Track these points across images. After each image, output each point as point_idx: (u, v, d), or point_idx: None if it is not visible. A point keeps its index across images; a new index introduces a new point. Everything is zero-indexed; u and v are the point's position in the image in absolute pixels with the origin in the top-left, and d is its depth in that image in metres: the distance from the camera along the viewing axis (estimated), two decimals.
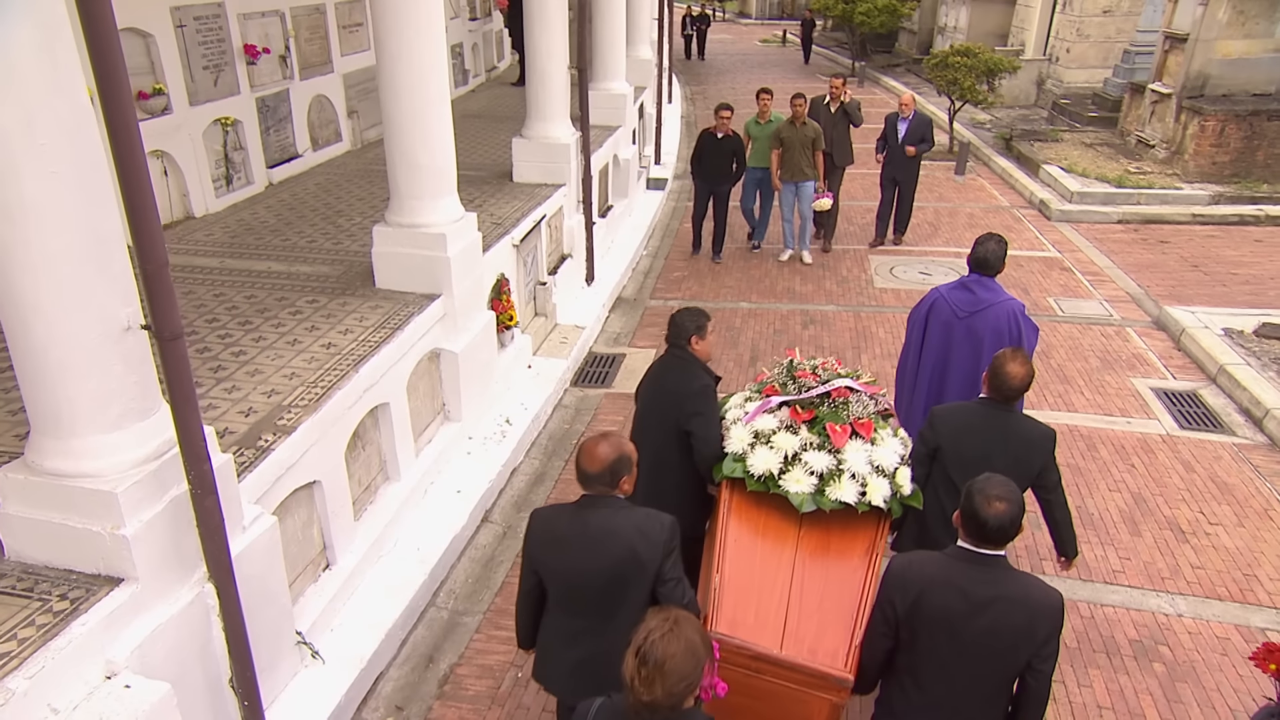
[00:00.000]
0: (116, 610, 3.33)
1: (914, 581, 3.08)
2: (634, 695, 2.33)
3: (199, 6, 7.87)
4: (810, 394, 4.22)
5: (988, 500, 2.93)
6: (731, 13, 40.68)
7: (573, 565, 3.25)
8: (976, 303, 5.13)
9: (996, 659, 3.01)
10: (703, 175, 10.33)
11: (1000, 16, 21.64)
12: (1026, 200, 13.26)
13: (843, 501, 3.88)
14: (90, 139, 3.04)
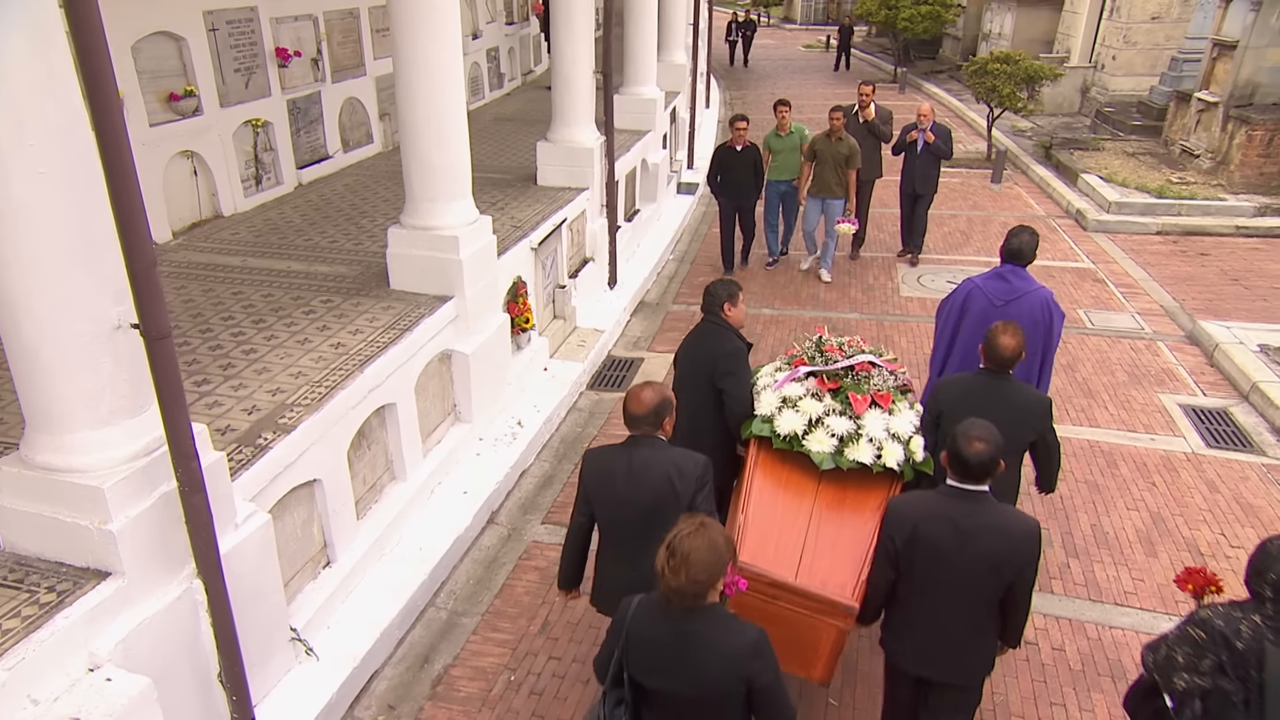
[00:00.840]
0: (101, 604, 3.40)
1: (909, 517, 3.49)
2: (664, 582, 2.77)
3: (232, 10, 8.02)
4: (835, 366, 4.65)
5: (969, 441, 3.35)
6: (776, 18, 40.50)
7: (618, 496, 3.70)
8: (1012, 291, 5.38)
9: (983, 580, 3.40)
10: (725, 191, 9.93)
11: (1046, 23, 21.27)
12: (1063, 210, 13.01)
13: (859, 462, 4.29)
14: (82, 141, 3.09)
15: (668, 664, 2.89)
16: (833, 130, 9.48)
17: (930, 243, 11.32)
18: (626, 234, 10.46)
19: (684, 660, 2.87)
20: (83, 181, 3.14)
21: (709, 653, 2.84)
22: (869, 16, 24.01)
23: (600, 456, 3.84)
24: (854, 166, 9.53)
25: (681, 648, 2.86)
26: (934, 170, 10.26)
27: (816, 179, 9.72)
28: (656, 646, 2.91)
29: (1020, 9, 21.56)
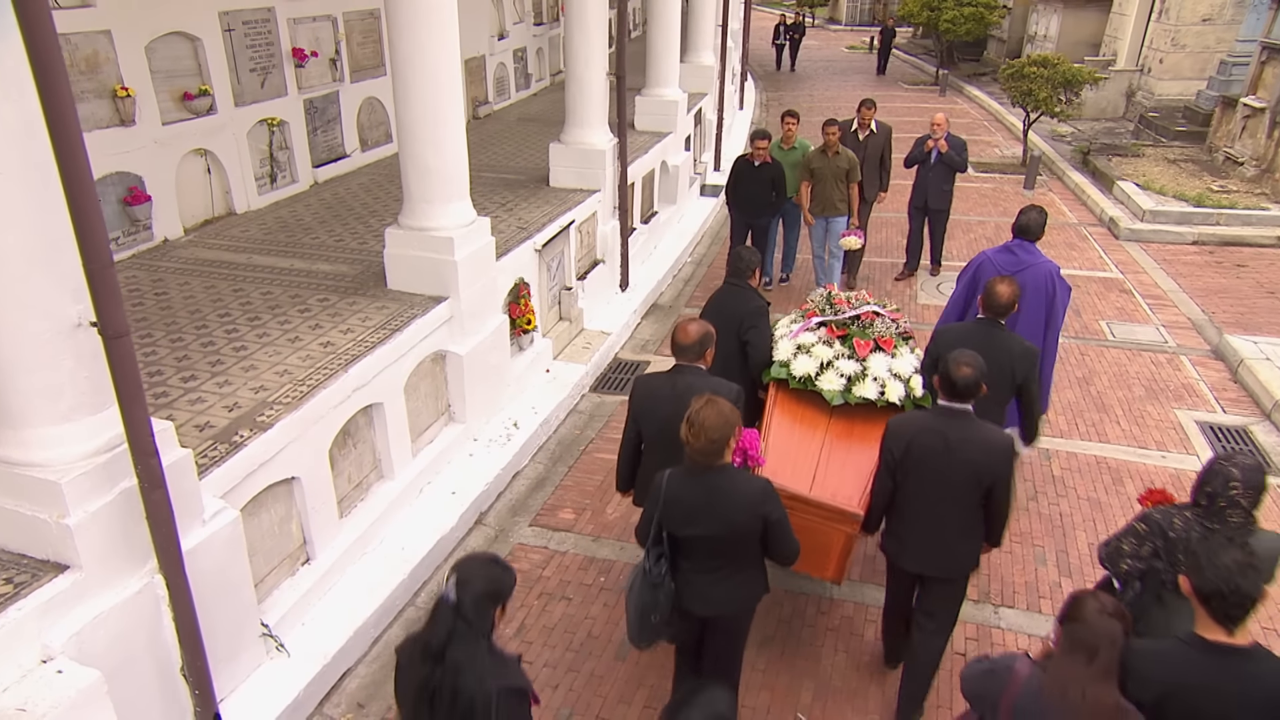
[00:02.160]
0: (56, 597, 3.46)
1: (906, 431, 4.12)
2: (688, 448, 3.52)
3: (248, 11, 8.14)
4: (843, 316, 5.35)
5: (958, 366, 3.95)
6: (821, 19, 40.13)
7: (663, 414, 4.23)
8: (1019, 264, 5.90)
9: (966, 484, 4.01)
10: (739, 205, 9.45)
11: (1093, 25, 20.80)
12: (1096, 217, 12.70)
13: (865, 398, 5.00)
14: (39, 143, 3.13)
15: (699, 514, 3.62)
16: (828, 145, 8.92)
17: (955, 249, 11.14)
18: (642, 236, 10.44)
19: (712, 508, 3.59)
20: (40, 182, 3.20)
21: (731, 499, 3.59)
22: (911, 18, 23.64)
23: (649, 381, 4.54)
24: (855, 180, 9.06)
25: (709, 499, 3.59)
26: (948, 184, 9.79)
27: (817, 198, 9.12)
28: (688, 503, 3.62)
29: (1067, 10, 21.11)
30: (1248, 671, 2.77)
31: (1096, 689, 2.69)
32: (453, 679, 2.76)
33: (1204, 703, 2.80)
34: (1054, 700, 2.74)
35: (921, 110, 20.56)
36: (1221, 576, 2.75)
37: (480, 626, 2.83)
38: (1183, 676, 2.83)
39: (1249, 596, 2.74)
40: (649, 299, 9.78)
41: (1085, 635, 2.74)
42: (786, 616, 5.22)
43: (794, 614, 5.25)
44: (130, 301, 6.26)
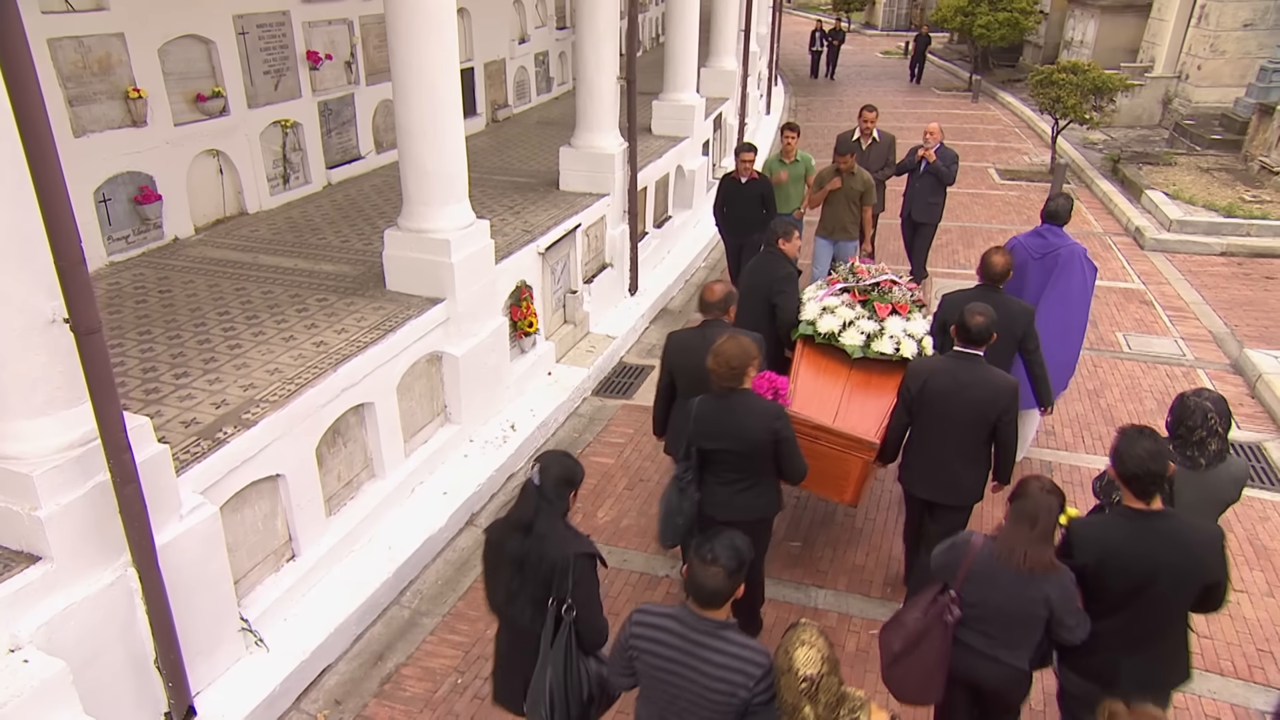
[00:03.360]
0: (26, 587, 3.54)
1: (922, 372, 4.73)
2: (712, 374, 4.23)
3: (262, 14, 8.27)
4: (864, 283, 5.97)
5: (972, 314, 4.55)
6: (857, 23, 39.86)
7: (693, 363, 4.68)
8: (1048, 246, 6.36)
9: (974, 420, 4.57)
10: (728, 225, 8.94)
11: (1131, 31, 20.43)
12: (1122, 227, 12.47)
13: (881, 352, 5.60)
14: (10, 144, 3.20)
15: (722, 430, 4.29)
16: (843, 170, 8.34)
17: (971, 258, 10.97)
18: (655, 241, 10.44)
19: (732, 424, 4.27)
20: (13, 182, 3.26)
21: (748, 417, 4.27)
22: (944, 23, 23.37)
23: (680, 336, 5.23)
24: (869, 203, 8.47)
25: (730, 416, 4.26)
26: (936, 197, 9.26)
27: (827, 218, 8.58)
28: (713, 419, 4.31)
29: (1104, 16, 20.77)
30: (1164, 528, 3.41)
31: (1036, 549, 3.38)
32: (539, 546, 3.35)
33: (1132, 557, 3.41)
34: (1003, 559, 3.44)
35: (951, 116, 20.35)
36: (1137, 462, 3.35)
37: (558, 505, 3.44)
38: (1115, 540, 3.46)
39: (1159, 475, 3.35)
40: (659, 303, 9.77)
41: (1028, 507, 3.42)
42: (769, 625, 5.17)
43: (776, 622, 5.20)
44: (134, 299, 6.39)
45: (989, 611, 3.52)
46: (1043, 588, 3.40)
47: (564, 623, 3.33)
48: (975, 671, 3.62)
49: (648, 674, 3.09)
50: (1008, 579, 3.43)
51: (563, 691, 3.36)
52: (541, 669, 3.38)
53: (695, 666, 2.95)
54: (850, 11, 37.35)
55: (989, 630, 3.55)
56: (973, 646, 3.59)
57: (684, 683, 2.98)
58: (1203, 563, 3.39)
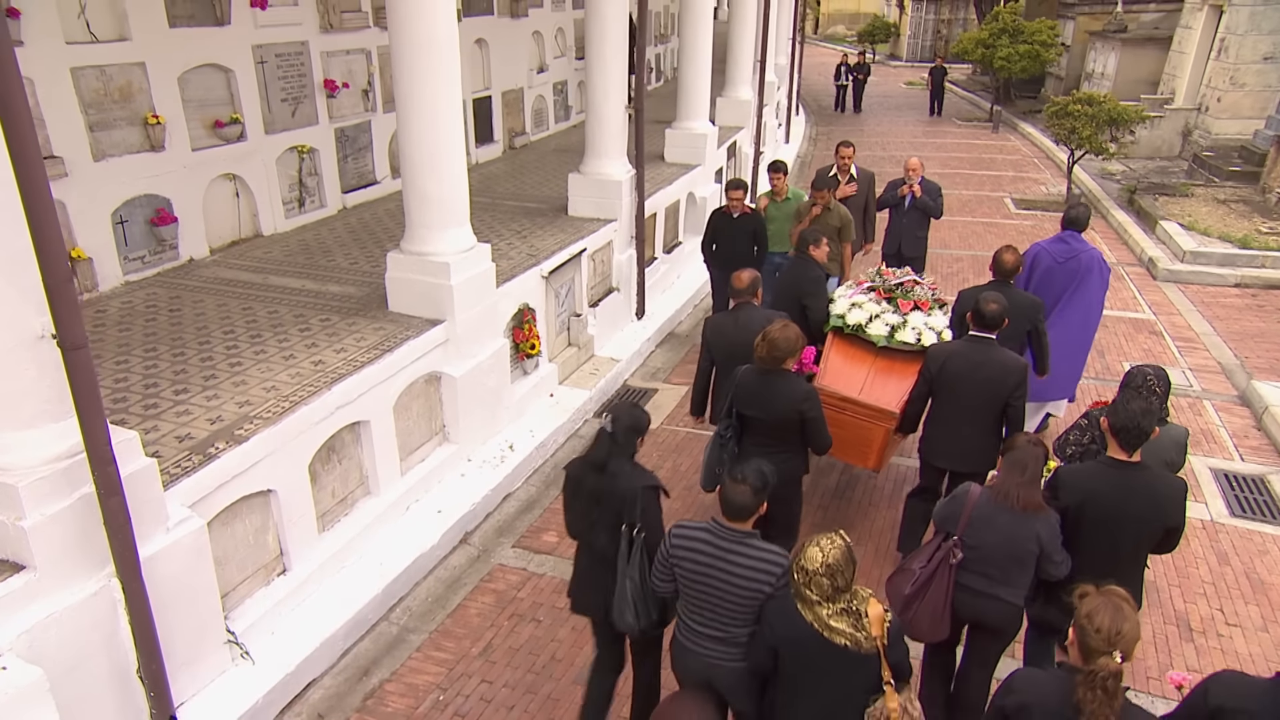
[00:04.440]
0: (8, 596, 3.64)
1: (941, 354, 5.33)
2: (757, 352, 4.86)
3: (281, 45, 8.50)
4: (889, 283, 6.62)
5: (986, 302, 5.15)
6: (882, 55, 40.03)
7: (729, 341, 5.64)
8: (1069, 251, 7.01)
9: (987, 397, 5.12)
10: (717, 261, 8.71)
11: (1152, 63, 20.38)
12: (1136, 257, 12.41)
13: (904, 342, 6.22)
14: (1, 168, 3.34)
15: (758, 400, 4.95)
16: (819, 203, 8.12)
17: None
18: (664, 266, 10.53)
19: (767, 398, 4.92)
20: (3, 203, 3.40)
21: (781, 393, 4.90)
22: (965, 55, 23.43)
23: (717, 319, 5.97)
24: (847, 239, 8.24)
25: (766, 391, 4.92)
26: (923, 230, 9.17)
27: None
28: (753, 391, 4.97)
29: (1125, 49, 20.75)
30: (1139, 478, 3.99)
31: (1027, 491, 3.98)
32: (612, 483, 3.98)
33: (1110, 501, 3.98)
34: (999, 500, 4.00)
35: (971, 146, 20.38)
36: (1130, 417, 3.94)
37: (627, 448, 4.05)
38: (1096, 484, 4.04)
39: (1145, 432, 3.93)
40: (665, 328, 9.85)
41: (1019, 456, 4.03)
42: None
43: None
44: (144, 317, 6.56)
45: (988, 552, 4.02)
46: (1033, 526, 3.96)
47: (636, 543, 3.94)
48: (978, 610, 4.11)
49: (686, 579, 3.63)
50: (1004, 520, 3.98)
51: (642, 599, 3.95)
52: (621, 583, 3.96)
53: (726, 570, 3.52)
54: (875, 43, 37.56)
55: (989, 571, 4.04)
56: (974, 588, 4.07)
57: (716, 584, 3.54)
58: (1166, 510, 4.00)
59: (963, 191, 16.08)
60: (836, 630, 3.20)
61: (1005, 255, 6.15)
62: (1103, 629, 2.77)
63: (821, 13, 52.33)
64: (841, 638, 3.19)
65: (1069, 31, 24.10)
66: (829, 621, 3.21)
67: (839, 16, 51.95)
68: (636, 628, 4.00)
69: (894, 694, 3.25)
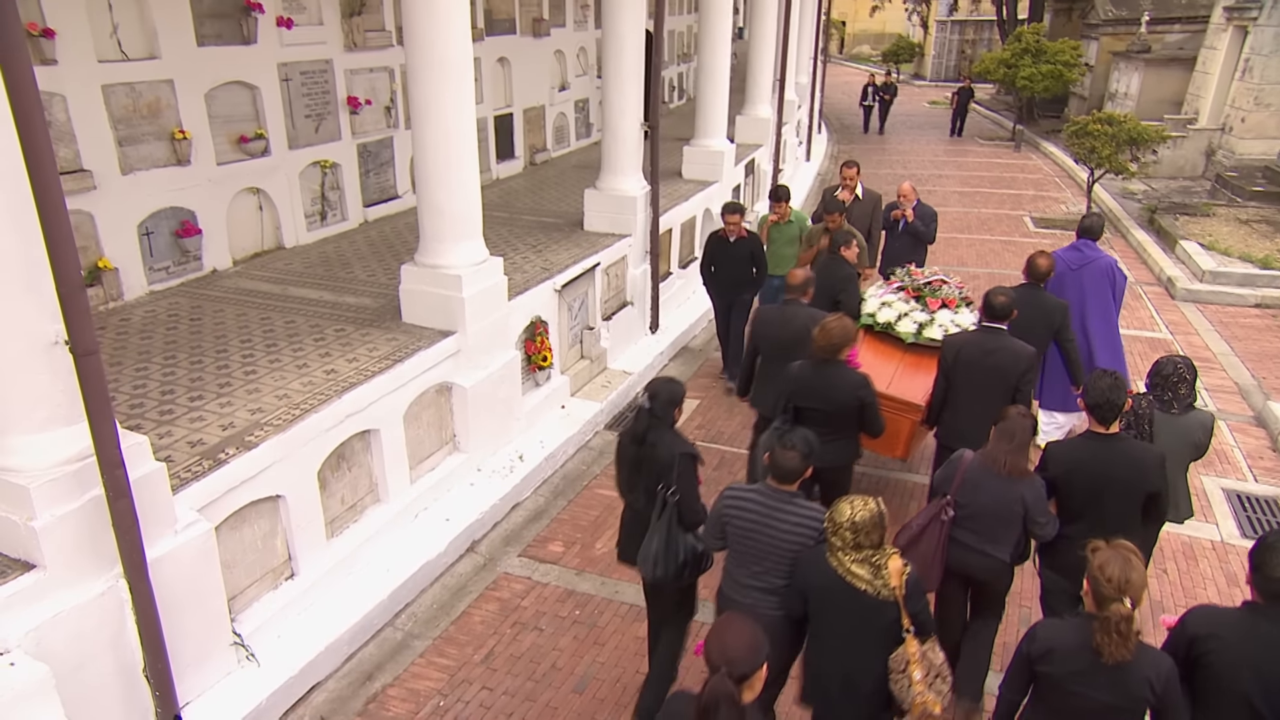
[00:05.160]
0: (18, 594, 3.76)
1: (955, 344, 5.71)
2: (814, 344, 5.25)
3: (305, 63, 8.70)
4: (918, 282, 7.04)
5: (995, 295, 5.56)
6: (906, 74, 40.02)
7: (774, 335, 6.15)
8: (1084, 259, 7.29)
9: (998, 382, 5.43)
10: (715, 285, 8.68)
11: (1176, 83, 20.27)
12: (1155, 277, 12.33)
13: (931, 338, 6.61)
14: (19, 178, 3.47)
15: (815, 391, 5.28)
16: (831, 229, 7.96)
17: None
18: (679, 281, 10.61)
19: (824, 389, 5.27)
20: (21, 212, 3.53)
21: (839, 382, 5.27)
22: (987, 75, 23.40)
23: (765, 312, 6.46)
24: (860, 265, 7.87)
25: (823, 382, 5.27)
26: (916, 255, 8.97)
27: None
28: (808, 384, 5.32)
29: (1148, 69, 20.66)
30: (1118, 448, 4.39)
31: (1014, 458, 4.34)
32: (651, 452, 4.39)
33: (1091, 470, 4.37)
34: (988, 465, 4.39)
35: (992, 165, 20.35)
36: (1100, 393, 4.34)
37: (666, 420, 4.44)
38: (1079, 456, 4.45)
39: (1117, 405, 4.34)
40: (679, 342, 9.92)
41: (1009, 427, 4.39)
42: None
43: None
44: (165, 326, 6.73)
45: (977, 511, 4.42)
46: (1019, 489, 4.34)
47: (669, 504, 4.32)
48: (967, 564, 4.51)
49: (736, 534, 4.05)
50: (992, 483, 4.38)
51: (664, 553, 4.34)
52: (649, 536, 4.39)
53: (773, 526, 3.94)
54: (899, 63, 37.57)
55: (977, 528, 4.44)
56: (965, 543, 4.48)
57: (764, 539, 3.97)
58: (1146, 476, 4.34)
59: (982, 210, 16.07)
60: (857, 576, 3.58)
61: (1039, 260, 6.42)
62: (1113, 578, 3.09)
63: (847, 33, 52.44)
64: (861, 583, 3.57)
65: (1092, 52, 24.02)
66: (851, 568, 3.59)
67: (864, 37, 52.01)
68: (652, 577, 4.44)
69: (913, 640, 3.56)
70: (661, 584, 4.47)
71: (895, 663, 3.60)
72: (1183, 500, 5.08)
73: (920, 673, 3.55)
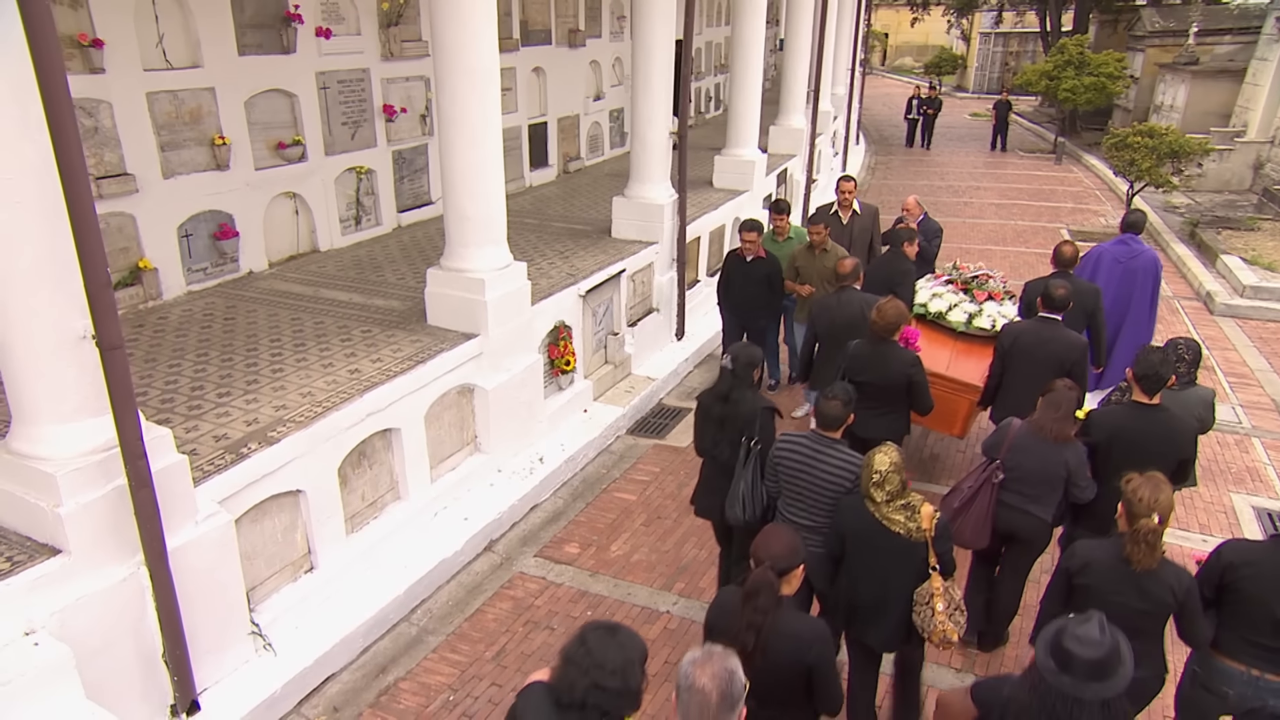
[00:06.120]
0: (44, 577, 3.93)
1: (1013, 331, 6.15)
2: (870, 323, 5.71)
3: (343, 72, 8.92)
4: (964, 276, 7.49)
5: (1055, 286, 6.00)
6: (949, 86, 39.70)
7: (832, 318, 6.58)
8: (1130, 253, 7.89)
9: (1052, 368, 5.67)
10: (731, 307, 8.34)
11: (1224, 95, 19.90)
12: (1194, 291, 12.13)
13: (980, 327, 7.09)
14: (53, 178, 3.65)
15: (871, 367, 5.71)
16: (815, 244, 7.94)
17: None
18: (706, 289, 10.65)
19: (879, 365, 5.70)
20: (53, 211, 3.70)
21: (892, 359, 5.70)
22: (1029, 87, 23.15)
23: (823, 299, 6.94)
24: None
25: (877, 359, 5.72)
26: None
27: (803, 302, 8.05)
28: (864, 360, 5.75)
29: (1195, 81, 20.31)
30: (1157, 417, 4.81)
31: (1060, 425, 4.76)
32: (734, 409, 4.96)
33: (1132, 437, 4.77)
34: (1036, 431, 4.82)
35: (1031, 178, 20.13)
36: (1150, 366, 4.76)
37: (746, 380, 4.99)
38: (1121, 423, 4.89)
39: (1164, 378, 4.75)
40: (705, 349, 9.96)
41: (1054, 397, 4.81)
42: None
43: None
44: (200, 324, 6.94)
45: (1023, 474, 4.82)
46: (1063, 454, 4.75)
47: (752, 454, 4.85)
48: (1012, 523, 4.91)
49: (786, 476, 4.59)
50: (1038, 448, 4.79)
51: (749, 496, 4.85)
52: (737, 482, 4.89)
53: (818, 468, 4.47)
54: (941, 75, 37.30)
55: (1023, 490, 4.84)
56: (1010, 504, 4.87)
57: (810, 479, 4.50)
58: (1179, 445, 4.78)
59: (1019, 222, 15.92)
60: (893, 520, 4.05)
61: (1064, 248, 6.90)
62: (1144, 498, 3.63)
63: (889, 45, 52.14)
64: (897, 526, 4.04)
65: (1138, 63, 23.67)
66: (888, 513, 4.06)
67: (906, 49, 51.66)
68: (741, 519, 4.88)
69: (938, 577, 4.06)
70: (747, 524, 4.85)
71: (920, 595, 4.07)
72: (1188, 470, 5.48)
73: (942, 605, 4.04)
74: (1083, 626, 2.74)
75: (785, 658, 3.35)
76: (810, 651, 3.36)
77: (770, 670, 3.30)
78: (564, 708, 2.69)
